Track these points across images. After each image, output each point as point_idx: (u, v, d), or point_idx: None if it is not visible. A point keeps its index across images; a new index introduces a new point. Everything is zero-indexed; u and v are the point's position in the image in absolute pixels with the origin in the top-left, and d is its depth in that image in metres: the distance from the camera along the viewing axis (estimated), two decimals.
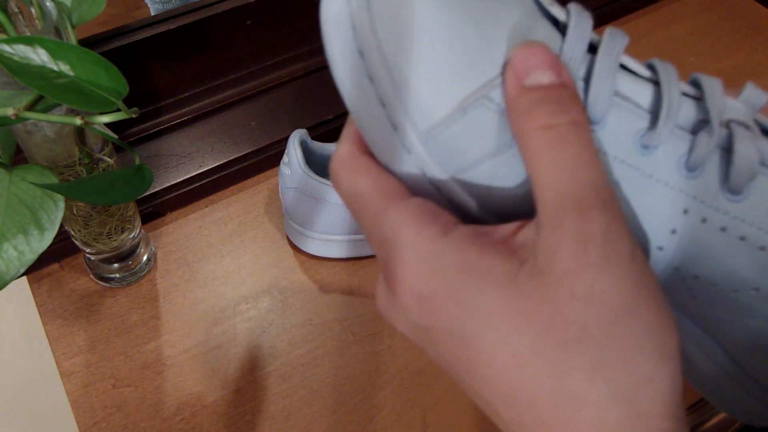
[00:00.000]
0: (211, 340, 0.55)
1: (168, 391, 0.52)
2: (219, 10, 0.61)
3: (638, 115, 0.24)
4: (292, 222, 0.58)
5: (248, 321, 0.56)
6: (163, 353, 0.54)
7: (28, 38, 0.34)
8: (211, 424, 0.50)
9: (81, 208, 0.50)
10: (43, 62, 0.35)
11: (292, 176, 0.54)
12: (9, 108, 0.36)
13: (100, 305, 0.56)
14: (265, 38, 0.66)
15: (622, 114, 0.24)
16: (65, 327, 0.55)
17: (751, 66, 0.76)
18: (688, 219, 0.25)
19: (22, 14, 0.41)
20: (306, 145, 0.55)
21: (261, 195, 0.64)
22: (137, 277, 0.58)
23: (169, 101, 0.64)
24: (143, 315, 0.56)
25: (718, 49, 0.78)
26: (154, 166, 0.62)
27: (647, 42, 0.79)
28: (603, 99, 0.24)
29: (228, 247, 0.60)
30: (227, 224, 0.62)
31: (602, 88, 0.24)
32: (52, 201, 0.40)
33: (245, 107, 0.67)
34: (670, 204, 0.25)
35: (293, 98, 0.67)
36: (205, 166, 0.62)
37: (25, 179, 0.40)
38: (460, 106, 0.24)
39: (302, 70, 0.68)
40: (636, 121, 0.24)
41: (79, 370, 0.53)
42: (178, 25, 0.59)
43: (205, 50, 0.63)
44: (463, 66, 0.24)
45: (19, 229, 0.39)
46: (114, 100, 0.37)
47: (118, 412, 0.51)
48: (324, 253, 0.59)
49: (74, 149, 0.45)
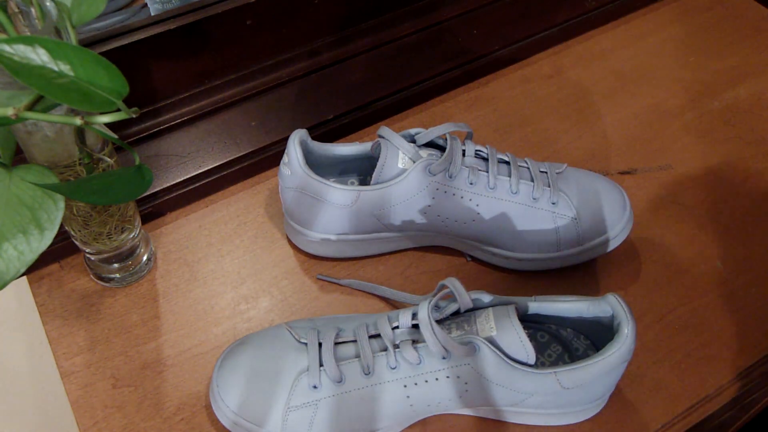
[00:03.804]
0: (211, 340, 0.55)
1: (168, 391, 0.52)
2: (219, 10, 0.61)
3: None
4: (292, 222, 0.58)
5: (248, 321, 0.56)
6: (163, 353, 0.54)
7: (28, 38, 0.34)
8: (211, 424, 0.50)
9: (81, 208, 0.50)
10: (43, 62, 0.35)
11: (292, 176, 0.54)
12: (9, 108, 0.36)
13: (100, 305, 0.56)
14: (265, 38, 0.66)
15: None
16: (65, 327, 0.55)
17: (751, 66, 0.76)
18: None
19: (21, 14, 0.41)
20: (306, 145, 0.55)
21: (261, 195, 0.64)
22: (137, 277, 0.58)
23: (169, 101, 0.64)
24: (143, 315, 0.56)
25: (718, 49, 0.78)
26: (154, 166, 0.62)
27: (647, 42, 0.79)
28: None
29: (228, 247, 0.60)
30: (227, 224, 0.62)
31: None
32: (52, 201, 0.40)
33: (245, 107, 0.67)
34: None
35: (293, 98, 0.67)
36: (205, 166, 0.62)
37: (25, 179, 0.40)
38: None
39: (302, 70, 0.68)
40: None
41: (79, 370, 0.53)
42: (178, 25, 0.59)
43: (205, 50, 0.63)
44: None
45: (19, 229, 0.39)
46: (114, 100, 0.37)
47: (118, 412, 0.51)
48: (324, 253, 0.59)
49: (74, 149, 0.45)
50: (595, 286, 0.58)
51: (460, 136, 0.58)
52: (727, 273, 0.59)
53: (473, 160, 0.55)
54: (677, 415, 0.51)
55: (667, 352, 0.54)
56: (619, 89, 0.74)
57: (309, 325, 0.50)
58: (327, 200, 0.54)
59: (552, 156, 0.67)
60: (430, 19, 0.74)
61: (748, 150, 0.68)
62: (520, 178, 0.55)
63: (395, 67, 0.70)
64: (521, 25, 0.76)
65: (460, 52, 0.72)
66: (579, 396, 0.47)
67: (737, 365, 0.54)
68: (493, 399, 0.46)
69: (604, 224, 0.56)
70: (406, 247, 0.60)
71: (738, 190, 0.65)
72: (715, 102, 0.73)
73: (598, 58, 0.77)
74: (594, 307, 0.48)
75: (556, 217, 0.55)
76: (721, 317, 0.56)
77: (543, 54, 0.77)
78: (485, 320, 0.45)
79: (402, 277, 0.58)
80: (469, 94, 0.73)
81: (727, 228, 0.62)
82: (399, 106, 0.70)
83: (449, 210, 0.55)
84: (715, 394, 0.52)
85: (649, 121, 0.71)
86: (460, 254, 0.60)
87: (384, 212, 0.54)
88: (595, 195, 0.56)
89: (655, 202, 0.64)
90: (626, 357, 0.45)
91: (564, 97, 0.73)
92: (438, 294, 0.47)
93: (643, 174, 0.66)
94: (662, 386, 0.52)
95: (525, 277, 0.58)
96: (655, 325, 0.56)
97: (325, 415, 0.46)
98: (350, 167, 0.60)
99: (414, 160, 0.53)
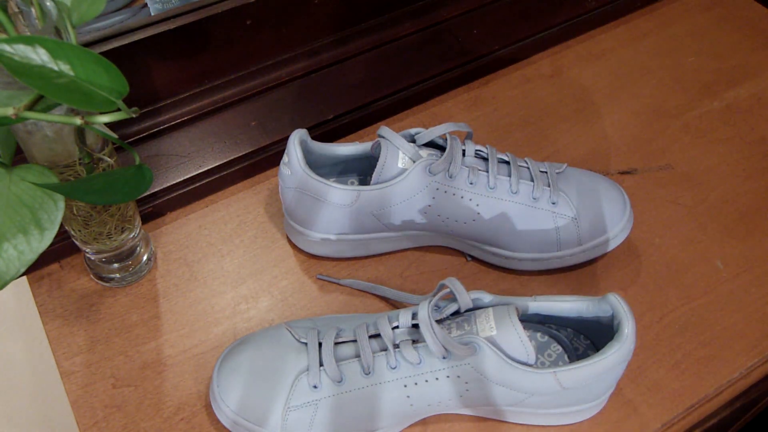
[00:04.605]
0: (211, 340, 0.55)
1: (168, 391, 0.52)
2: (219, 10, 0.61)
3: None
4: (292, 222, 0.58)
5: (248, 321, 0.56)
6: (163, 353, 0.54)
7: (28, 38, 0.34)
8: (211, 424, 0.50)
9: (81, 208, 0.50)
10: (43, 62, 0.35)
11: (292, 176, 0.54)
12: (9, 108, 0.36)
13: (100, 305, 0.56)
14: (265, 38, 0.66)
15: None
16: (65, 327, 0.55)
17: (751, 66, 0.76)
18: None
19: (21, 14, 0.41)
20: (306, 145, 0.55)
21: (261, 195, 0.64)
22: (137, 277, 0.58)
23: (169, 101, 0.64)
24: (143, 315, 0.56)
25: (718, 49, 0.78)
26: (154, 166, 0.62)
27: (647, 42, 0.79)
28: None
29: (228, 247, 0.60)
30: (227, 224, 0.62)
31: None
32: (52, 201, 0.40)
33: (245, 107, 0.67)
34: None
35: (293, 98, 0.67)
36: (205, 166, 0.62)
37: (25, 179, 0.40)
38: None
39: (302, 70, 0.68)
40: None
41: (79, 370, 0.53)
42: (178, 25, 0.59)
43: (205, 50, 0.63)
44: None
45: (19, 229, 0.39)
46: (114, 100, 0.37)
47: (118, 412, 0.51)
48: (324, 253, 0.59)
49: (74, 149, 0.45)
50: (595, 286, 0.58)
51: (460, 136, 0.58)
52: (727, 273, 0.59)
53: (473, 160, 0.55)
54: (677, 415, 0.51)
55: (667, 352, 0.54)
56: (619, 89, 0.74)
57: (309, 325, 0.50)
58: (327, 200, 0.54)
59: (552, 156, 0.67)
60: (430, 19, 0.74)
61: (748, 150, 0.68)
62: (520, 178, 0.55)
63: (395, 67, 0.70)
64: (521, 25, 0.76)
65: (460, 52, 0.72)
66: (579, 396, 0.47)
67: (737, 365, 0.54)
68: (493, 399, 0.46)
69: (604, 224, 0.56)
70: (406, 247, 0.60)
71: (738, 190, 0.65)
72: (715, 102, 0.73)
73: (598, 58, 0.77)
74: (594, 307, 0.48)
75: (556, 217, 0.55)
76: (721, 317, 0.56)
77: (543, 54, 0.77)
78: (485, 320, 0.45)
79: (402, 277, 0.58)
80: (469, 94, 0.73)
81: (727, 228, 0.62)
82: (399, 106, 0.70)
83: (449, 210, 0.55)
84: (715, 394, 0.52)
85: (649, 121, 0.71)
86: (460, 254, 0.60)
87: (384, 212, 0.54)
88: (595, 195, 0.56)
89: (655, 202, 0.64)
90: (626, 357, 0.45)
91: (564, 97, 0.73)
92: (438, 294, 0.47)
93: (643, 174, 0.66)
94: (662, 386, 0.52)
95: (525, 277, 0.58)
96: (655, 325, 0.56)
97: (325, 414, 0.46)
98: (350, 167, 0.60)
99: (414, 160, 0.53)
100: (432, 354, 0.45)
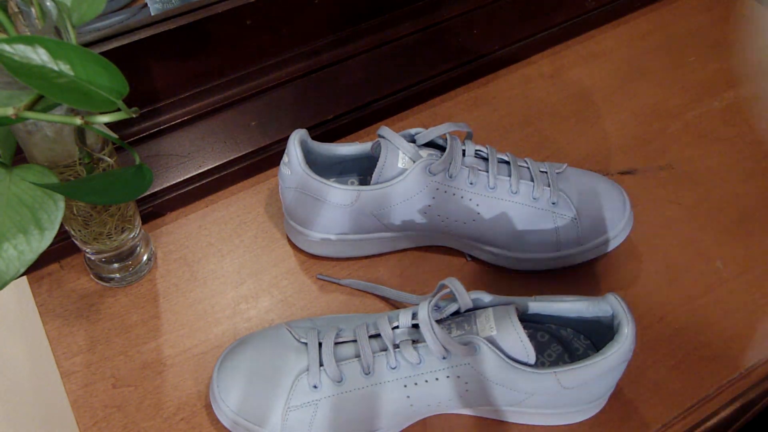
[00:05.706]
0: (211, 340, 0.55)
1: (168, 391, 0.52)
2: (219, 10, 0.61)
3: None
4: (292, 222, 0.58)
5: (248, 321, 0.56)
6: (163, 353, 0.54)
7: (28, 38, 0.34)
8: (211, 424, 0.50)
9: (81, 208, 0.50)
10: (43, 62, 0.35)
11: (292, 176, 0.54)
12: (9, 108, 0.36)
13: (100, 305, 0.56)
14: (265, 38, 0.66)
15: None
16: (65, 327, 0.55)
17: (751, 66, 0.76)
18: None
19: (21, 14, 0.41)
20: (306, 145, 0.55)
21: (261, 195, 0.64)
22: (137, 277, 0.58)
23: (169, 101, 0.64)
24: (143, 315, 0.56)
25: (718, 49, 0.78)
26: (154, 166, 0.62)
27: (647, 42, 0.79)
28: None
29: (228, 247, 0.60)
30: (227, 224, 0.62)
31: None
32: (52, 201, 0.40)
33: (245, 107, 0.67)
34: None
35: (293, 98, 0.67)
36: (205, 166, 0.62)
37: (25, 179, 0.40)
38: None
39: (302, 70, 0.68)
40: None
41: (79, 370, 0.53)
42: (178, 25, 0.59)
43: (205, 50, 0.63)
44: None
45: (19, 229, 0.39)
46: (114, 100, 0.37)
47: (118, 412, 0.51)
48: (324, 253, 0.59)
49: (74, 149, 0.45)
50: (595, 286, 0.58)
51: (460, 136, 0.58)
52: (727, 273, 0.59)
53: (473, 160, 0.55)
54: (677, 415, 0.51)
55: (667, 352, 0.54)
56: (619, 89, 0.74)
57: (309, 325, 0.50)
58: (327, 200, 0.54)
59: (552, 156, 0.67)
60: (430, 19, 0.74)
61: (748, 150, 0.68)
62: (520, 178, 0.55)
63: (395, 67, 0.70)
64: (521, 25, 0.76)
65: (460, 52, 0.72)
66: (579, 396, 0.47)
67: (737, 365, 0.54)
68: (494, 399, 0.46)
69: (604, 224, 0.56)
70: (406, 247, 0.60)
71: (738, 190, 0.65)
72: (715, 102, 0.73)
73: (598, 58, 0.77)
74: (594, 307, 0.48)
75: (556, 217, 0.55)
76: (721, 317, 0.56)
77: (543, 54, 0.77)
78: (485, 320, 0.45)
79: (402, 277, 0.58)
80: (469, 94, 0.73)
81: (727, 228, 0.62)
82: (399, 106, 0.70)
83: (449, 210, 0.55)
84: (715, 394, 0.52)
85: (649, 121, 0.71)
86: (460, 254, 0.60)
87: (384, 212, 0.54)
88: (595, 195, 0.56)
89: (655, 202, 0.64)
90: (626, 357, 0.45)
91: (564, 97, 0.73)
92: (438, 294, 0.47)
93: (643, 174, 0.66)
94: (662, 386, 0.52)
95: (525, 277, 0.58)
96: (655, 325, 0.56)
97: (325, 414, 0.46)
98: (350, 167, 0.60)
99: (414, 160, 0.53)
100: (432, 354, 0.45)
